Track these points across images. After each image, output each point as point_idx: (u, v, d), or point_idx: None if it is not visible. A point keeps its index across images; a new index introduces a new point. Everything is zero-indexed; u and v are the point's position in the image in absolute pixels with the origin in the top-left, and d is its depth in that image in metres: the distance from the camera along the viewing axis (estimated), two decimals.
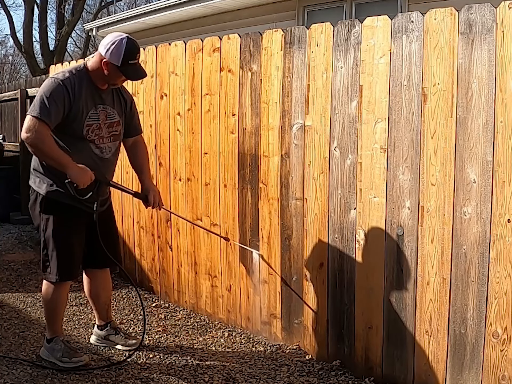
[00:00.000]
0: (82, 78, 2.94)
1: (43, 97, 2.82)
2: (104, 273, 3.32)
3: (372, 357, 2.95)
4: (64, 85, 2.85)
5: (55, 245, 3.00)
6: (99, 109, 2.99)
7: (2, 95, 7.93)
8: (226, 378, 3.02)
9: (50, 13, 21.40)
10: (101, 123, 2.99)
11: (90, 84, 2.96)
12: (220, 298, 3.80)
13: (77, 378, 2.96)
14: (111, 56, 2.87)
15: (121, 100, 3.13)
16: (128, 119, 3.20)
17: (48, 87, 2.86)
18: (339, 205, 3.02)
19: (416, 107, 2.66)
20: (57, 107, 2.82)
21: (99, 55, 2.92)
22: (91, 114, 2.95)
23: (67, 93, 2.85)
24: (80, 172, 2.85)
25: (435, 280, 2.67)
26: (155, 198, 3.18)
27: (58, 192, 2.96)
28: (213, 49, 3.61)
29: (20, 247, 5.81)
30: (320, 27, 3.02)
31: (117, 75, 2.93)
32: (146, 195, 3.19)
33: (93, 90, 2.97)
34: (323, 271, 3.15)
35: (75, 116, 2.89)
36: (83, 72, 2.96)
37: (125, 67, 2.89)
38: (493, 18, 2.38)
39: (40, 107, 2.80)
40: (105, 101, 3.02)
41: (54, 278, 3.02)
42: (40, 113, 2.79)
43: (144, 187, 3.23)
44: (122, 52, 2.85)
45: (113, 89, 3.09)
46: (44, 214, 3.00)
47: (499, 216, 2.42)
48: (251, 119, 3.43)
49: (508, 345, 2.44)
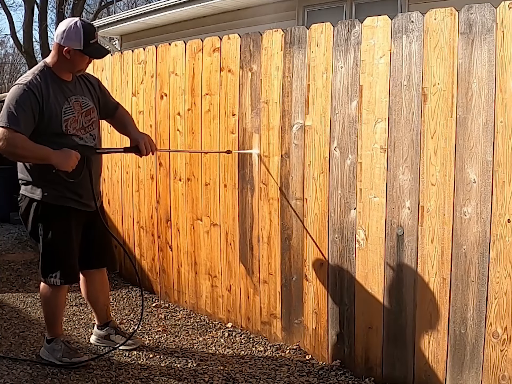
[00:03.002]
0: (46, 76, 2.90)
1: (10, 105, 2.78)
2: (100, 274, 3.31)
3: (372, 357, 2.95)
4: (29, 89, 2.81)
5: (57, 250, 2.98)
6: (72, 101, 2.95)
7: (2, 95, 7.94)
8: (226, 378, 3.02)
9: (50, 13, 21.43)
10: (77, 114, 2.96)
11: (55, 79, 2.92)
12: (220, 298, 3.80)
13: (77, 378, 2.96)
14: (71, 41, 2.83)
15: (88, 85, 3.09)
16: (102, 100, 3.17)
17: (13, 94, 2.81)
18: (339, 205, 3.02)
19: (416, 107, 2.66)
20: (25, 114, 2.78)
21: (57, 45, 2.87)
22: (65, 108, 2.91)
23: (34, 97, 2.80)
24: (64, 156, 2.81)
25: (435, 280, 2.67)
26: (146, 145, 3.06)
27: (54, 195, 2.94)
28: (213, 49, 3.61)
29: (20, 247, 5.81)
30: (320, 27, 3.02)
31: (81, 58, 2.89)
32: (137, 146, 3.08)
33: (60, 85, 2.93)
34: (323, 271, 3.15)
35: (51, 116, 2.86)
36: (45, 70, 2.92)
37: (87, 48, 2.85)
38: (493, 18, 2.38)
39: (8, 116, 2.75)
40: (74, 91, 2.98)
41: (59, 281, 3.00)
42: (9, 123, 2.74)
43: (132, 138, 3.13)
44: (81, 34, 2.82)
45: (78, 77, 3.04)
46: (41, 220, 2.97)
47: (499, 216, 2.42)
48: (251, 119, 3.42)
49: (508, 345, 2.44)
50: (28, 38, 18.88)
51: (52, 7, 21.54)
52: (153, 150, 3.12)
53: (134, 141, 3.12)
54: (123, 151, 3.21)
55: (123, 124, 3.24)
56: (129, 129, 3.18)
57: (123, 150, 3.18)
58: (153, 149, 3.12)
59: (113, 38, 11.97)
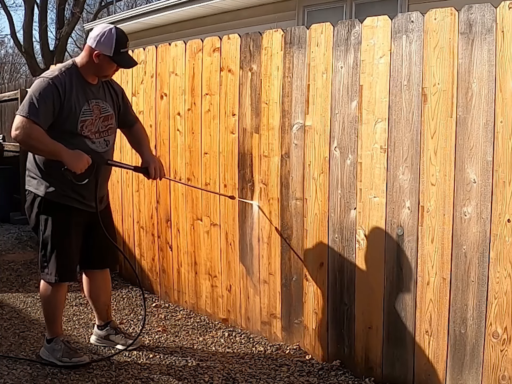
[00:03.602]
0: (72, 75, 2.92)
1: (32, 96, 2.82)
2: (103, 274, 3.32)
3: (372, 357, 2.95)
4: (53, 84, 2.84)
5: (54, 246, 3.00)
6: (92, 104, 2.97)
7: (2, 95, 7.93)
8: (226, 378, 3.02)
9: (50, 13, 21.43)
10: (95, 117, 2.98)
11: (81, 80, 2.95)
12: (220, 298, 3.80)
13: (77, 378, 2.96)
14: (102, 46, 2.86)
15: (111, 92, 3.12)
16: (123, 110, 3.19)
17: (37, 86, 2.85)
18: (339, 205, 3.01)
19: (416, 107, 2.66)
20: (46, 107, 2.81)
21: (89, 48, 2.90)
22: (84, 110, 2.93)
23: (57, 91, 2.83)
24: (76, 157, 2.83)
25: (435, 280, 2.67)
26: (155, 169, 3.09)
27: (57, 193, 2.96)
28: (213, 49, 3.61)
29: (20, 247, 5.81)
30: (320, 27, 3.02)
31: (109, 65, 2.92)
32: (147, 168, 3.11)
33: (84, 86, 2.95)
34: (323, 271, 3.14)
35: (68, 114, 2.88)
36: (72, 69, 2.95)
37: (117, 56, 2.89)
38: (493, 18, 2.38)
39: (29, 107, 2.80)
40: (96, 95, 3.01)
41: (54, 279, 3.02)
42: (29, 113, 2.78)
43: (144, 159, 3.16)
44: (113, 41, 2.85)
45: (103, 83, 3.07)
46: (43, 215, 2.99)
47: (499, 216, 2.42)
48: (251, 119, 3.43)
49: (508, 345, 2.44)
50: (28, 38, 18.87)
51: (52, 6, 21.56)
52: (161, 176, 3.16)
53: (145, 162, 3.15)
54: (132, 169, 3.22)
55: (138, 141, 3.27)
56: (142, 149, 3.22)
57: (133, 169, 3.20)
58: (162, 175, 3.16)
59: None
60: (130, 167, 3.21)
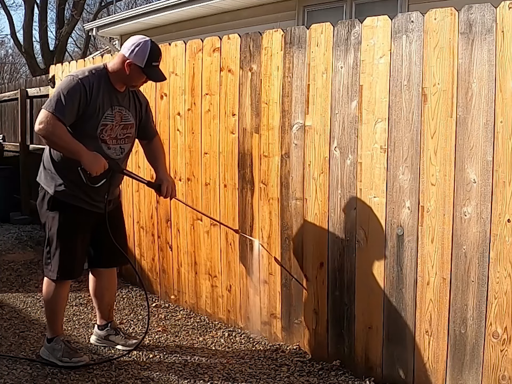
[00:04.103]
0: (100, 78, 2.96)
1: (60, 93, 2.85)
2: (110, 273, 3.35)
3: (372, 357, 2.95)
4: (82, 84, 2.88)
5: (59, 244, 3.02)
6: (115, 110, 3.00)
7: (2, 95, 7.93)
8: (226, 378, 3.02)
9: (50, 13, 21.43)
10: (116, 124, 3.01)
11: (108, 85, 2.98)
12: (220, 298, 3.80)
13: (77, 378, 2.96)
14: (135, 57, 2.90)
15: (136, 103, 3.15)
16: (144, 122, 3.22)
17: (66, 84, 2.88)
18: (339, 205, 3.02)
19: (416, 107, 2.66)
20: (72, 105, 2.84)
21: (122, 56, 2.94)
22: (107, 114, 2.97)
23: (84, 91, 2.87)
24: (94, 160, 2.86)
25: (435, 280, 2.67)
26: (168, 188, 3.14)
27: (66, 193, 2.98)
28: (213, 49, 3.61)
29: (20, 247, 5.82)
30: (320, 27, 3.02)
31: (139, 76, 2.96)
32: (160, 185, 3.15)
33: (111, 91, 2.99)
34: (323, 271, 3.14)
35: (91, 115, 2.91)
36: (102, 72, 2.99)
37: (148, 69, 2.93)
38: (493, 18, 2.38)
39: (56, 103, 2.83)
40: (121, 102, 3.04)
41: (55, 276, 3.04)
42: (55, 109, 2.81)
43: (158, 177, 3.20)
44: (146, 53, 2.90)
45: (129, 92, 3.10)
46: (51, 212, 3.03)
47: (499, 216, 2.42)
48: (251, 119, 3.43)
49: (508, 345, 2.44)
50: (28, 38, 18.88)
51: (52, 6, 21.57)
52: (172, 196, 3.20)
53: (159, 179, 3.19)
54: (146, 183, 3.24)
55: (154, 156, 3.30)
56: (158, 166, 3.25)
57: (147, 183, 3.23)
58: (173, 195, 3.20)
59: (113, 38, 11.96)
60: (144, 181, 3.25)
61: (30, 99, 6.95)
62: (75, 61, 5.14)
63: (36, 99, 6.79)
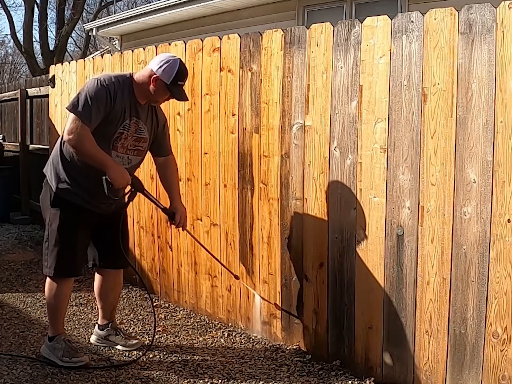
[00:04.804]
0: (125, 86, 2.97)
1: (87, 96, 2.85)
2: (117, 274, 3.36)
3: (372, 357, 2.95)
4: (108, 90, 2.89)
5: (58, 240, 3.03)
6: (133, 121, 3.01)
7: (2, 95, 7.93)
8: (226, 378, 3.02)
9: (50, 13, 21.43)
10: (129, 134, 3.01)
11: (131, 95, 2.99)
12: (220, 298, 3.80)
13: (77, 378, 2.96)
14: (163, 73, 2.92)
15: (153, 119, 3.15)
16: (159, 139, 3.23)
17: (93, 88, 2.88)
18: (339, 205, 3.01)
19: (416, 107, 2.66)
20: (98, 110, 2.86)
21: (150, 70, 2.96)
22: (125, 124, 2.98)
23: (109, 97, 2.88)
24: (120, 174, 2.90)
25: (435, 280, 2.67)
26: (181, 218, 3.24)
27: (68, 191, 3.00)
28: (213, 49, 3.61)
29: (20, 247, 5.81)
30: (320, 27, 3.02)
31: (163, 92, 2.98)
32: (174, 213, 3.23)
33: (132, 102, 3.00)
34: (323, 271, 3.14)
35: (111, 122, 2.93)
36: (128, 81, 3.00)
37: (173, 86, 2.95)
38: (493, 18, 2.38)
39: (84, 107, 2.83)
40: (140, 115, 3.04)
41: (51, 272, 3.05)
42: (82, 115, 2.82)
43: (173, 205, 3.27)
44: (174, 71, 2.92)
45: (150, 107, 3.11)
46: (52, 209, 3.04)
47: (499, 216, 2.42)
48: (251, 119, 3.43)
49: (508, 345, 2.44)
50: (28, 38, 18.87)
51: (52, 6, 21.56)
52: (183, 227, 3.29)
53: (173, 208, 3.26)
54: (162, 209, 3.28)
55: (170, 181, 3.33)
56: (173, 193, 3.31)
57: (162, 209, 3.28)
58: (184, 226, 3.29)
59: (113, 38, 11.95)
60: (160, 206, 3.29)
61: (30, 99, 6.95)
62: (75, 61, 5.14)
63: (36, 99, 6.80)
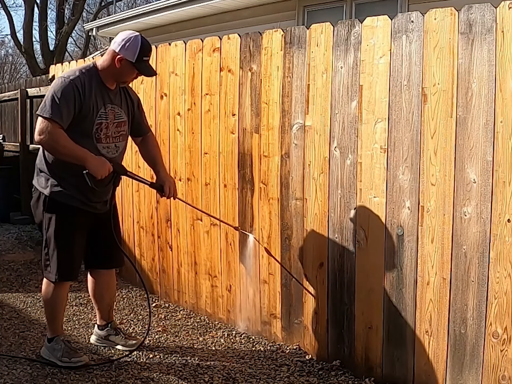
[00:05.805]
0: (91, 77, 2.94)
1: (54, 96, 2.83)
2: (109, 275, 3.34)
3: (372, 357, 2.95)
4: (74, 84, 2.86)
5: (56, 245, 3.01)
6: (108, 108, 2.99)
7: (2, 95, 7.93)
8: (226, 378, 3.02)
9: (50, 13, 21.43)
10: (109, 122, 3.00)
11: (100, 83, 2.97)
12: (220, 298, 3.80)
13: (77, 378, 2.96)
14: (126, 52, 2.89)
15: (127, 100, 3.14)
16: (137, 119, 3.22)
17: (59, 86, 2.86)
18: (339, 205, 3.02)
19: (416, 107, 2.66)
20: (68, 107, 2.83)
21: (112, 52, 2.93)
22: (101, 113, 2.96)
23: (77, 92, 2.86)
24: (99, 164, 2.86)
25: (435, 280, 2.67)
26: (170, 189, 3.18)
27: (62, 193, 2.97)
28: (213, 49, 3.61)
29: (20, 247, 5.81)
30: (320, 27, 3.02)
31: (130, 71, 2.95)
32: (162, 185, 3.19)
33: (103, 89, 2.98)
34: (323, 271, 3.14)
35: (86, 115, 2.90)
36: (92, 70, 2.97)
37: (139, 63, 2.92)
38: (493, 18, 2.38)
39: (52, 107, 2.81)
40: (113, 100, 3.03)
41: (54, 277, 3.03)
42: (52, 114, 2.79)
43: (159, 178, 3.23)
44: (137, 48, 2.89)
45: (120, 89, 3.09)
46: (47, 214, 3.01)
47: (499, 216, 2.42)
48: (251, 119, 3.43)
49: (508, 345, 2.44)
50: (28, 38, 18.88)
51: (52, 6, 21.56)
52: (174, 196, 3.24)
53: (160, 180, 3.22)
54: (148, 185, 3.26)
55: (152, 156, 3.31)
56: (157, 166, 3.27)
57: (149, 184, 3.25)
58: (175, 195, 3.25)
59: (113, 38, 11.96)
60: (146, 182, 3.27)
61: (30, 99, 6.95)
62: (75, 61, 5.14)
63: (36, 99, 6.80)
